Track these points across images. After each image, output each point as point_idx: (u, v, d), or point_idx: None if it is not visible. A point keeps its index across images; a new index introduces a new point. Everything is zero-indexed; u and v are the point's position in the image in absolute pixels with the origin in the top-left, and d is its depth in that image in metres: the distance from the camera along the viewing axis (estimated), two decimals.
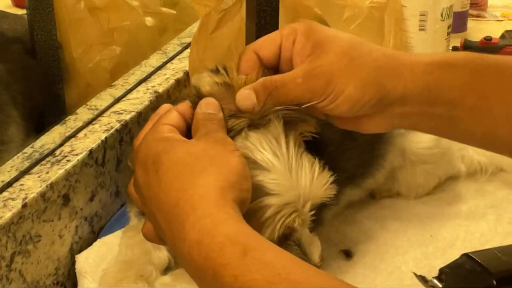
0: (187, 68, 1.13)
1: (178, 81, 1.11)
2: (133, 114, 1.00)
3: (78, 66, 1.13)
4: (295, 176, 0.67)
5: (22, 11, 1.22)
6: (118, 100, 1.04)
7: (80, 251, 0.90)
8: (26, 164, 0.87)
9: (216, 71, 0.68)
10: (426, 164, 0.98)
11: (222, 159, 0.60)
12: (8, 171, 0.86)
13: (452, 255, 0.81)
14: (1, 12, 1.24)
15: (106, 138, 0.94)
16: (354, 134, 0.76)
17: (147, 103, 1.03)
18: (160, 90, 1.07)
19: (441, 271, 0.79)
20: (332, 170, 0.71)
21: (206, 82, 0.67)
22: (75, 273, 0.87)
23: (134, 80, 1.10)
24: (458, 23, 1.47)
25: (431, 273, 0.80)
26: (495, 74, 0.66)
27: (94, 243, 0.90)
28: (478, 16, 1.66)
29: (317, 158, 0.70)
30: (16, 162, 0.88)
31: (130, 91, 1.07)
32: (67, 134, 0.94)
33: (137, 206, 0.67)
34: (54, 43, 1.08)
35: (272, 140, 0.67)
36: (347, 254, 0.87)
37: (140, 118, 1.01)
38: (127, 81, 1.10)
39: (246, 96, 0.65)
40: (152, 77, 1.12)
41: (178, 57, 1.20)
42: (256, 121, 0.67)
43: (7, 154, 0.92)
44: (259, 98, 0.65)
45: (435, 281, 0.79)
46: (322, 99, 0.65)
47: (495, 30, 1.49)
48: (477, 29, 1.57)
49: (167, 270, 0.84)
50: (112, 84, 1.09)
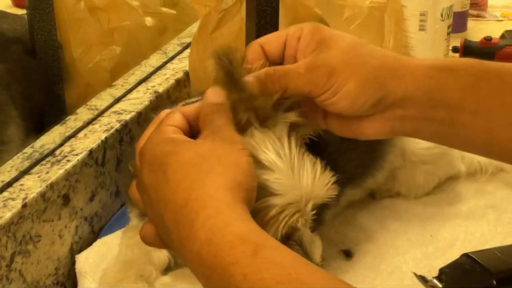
0: (187, 68, 1.13)
1: (178, 81, 1.12)
2: (133, 114, 1.00)
3: (78, 66, 1.13)
4: (297, 176, 0.67)
5: (22, 11, 1.22)
6: (118, 100, 1.04)
7: (80, 251, 0.90)
8: (26, 164, 0.87)
9: (220, 61, 0.68)
10: (426, 164, 0.98)
11: (230, 158, 0.60)
12: (8, 171, 0.86)
13: (452, 255, 0.81)
14: (1, 12, 1.24)
15: (106, 138, 0.94)
16: None
17: (147, 103, 1.03)
18: (160, 90, 1.07)
19: (441, 271, 0.79)
20: (333, 171, 0.71)
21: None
22: (75, 273, 0.87)
23: (134, 80, 1.10)
24: (458, 23, 1.47)
25: (431, 273, 0.80)
26: (495, 79, 0.67)
27: (94, 243, 0.90)
28: (478, 16, 1.66)
29: (318, 158, 0.70)
30: (16, 162, 0.88)
31: (130, 91, 1.07)
32: (67, 134, 0.94)
33: (138, 208, 0.67)
34: (54, 43, 1.08)
35: (275, 140, 0.67)
36: (347, 254, 0.87)
37: (140, 118, 1.01)
38: (127, 81, 1.10)
39: (248, 81, 0.66)
40: (152, 77, 1.12)
41: (178, 57, 1.20)
42: (261, 114, 0.67)
43: (7, 154, 0.92)
44: (261, 86, 0.66)
45: (435, 281, 0.79)
46: (323, 91, 0.65)
47: (495, 30, 1.49)
48: (477, 29, 1.57)
49: (167, 270, 0.84)
50: (112, 84, 1.09)
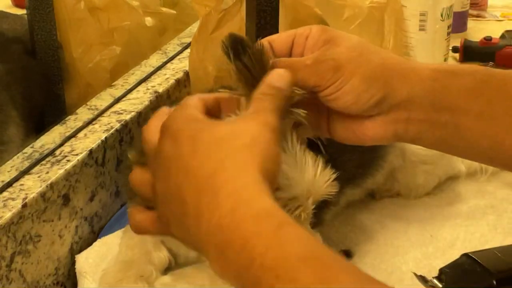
0: (187, 68, 1.13)
1: (178, 81, 1.12)
2: (133, 114, 1.00)
3: (78, 66, 1.13)
4: (300, 171, 0.68)
5: (22, 11, 1.22)
6: (118, 100, 1.04)
7: (80, 251, 0.90)
8: (26, 164, 0.87)
9: (228, 54, 0.67)
10: (426, 165, 0.98)
11: (264, 145, 0.59)
12: (8, 171, 0.86)
13: (452, 255, 0.81)
14: (1, 12, 1.24)
15: (106, 138, 0.94)
16: None
17: (147, 103, 1.03)
18: (160, 90, 1.07)
19: (441, 271, 0.79)
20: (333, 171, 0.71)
21: None
22: (75, 273, 0.87)
23: (134, 80, 1.10)
24: (458, 23, 1.47)
25: (431, 273, 0.80)
26: (500, 84, 0.67)
27: (94, 243, 0.90)
28: (478, 16, 1.66)
29: (319, 156, 0.70)
30: (16, 162, 0.88)
31: (130, 91, 1.07)
32: (67, 134, 0.94)
33: (140, 192, 0.65)
34: (54, 43, 1.08)
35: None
36: (347, 254, 0.87)
37: (140, 118, 1.01)
38: (127, 81, 1.10)
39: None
40: (152, 77, 1.12)
41: (178, 57, 1.20)
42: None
43: (7, 154, 0.92)
44: None
45: (435, 281, 0.79)
46: (328, 85, 0.66)
47: (495, 30, 1.49)
48: (477, 29, 1.57)
49: (167, 270, 0.84)
50: (112, 84, 1.09)
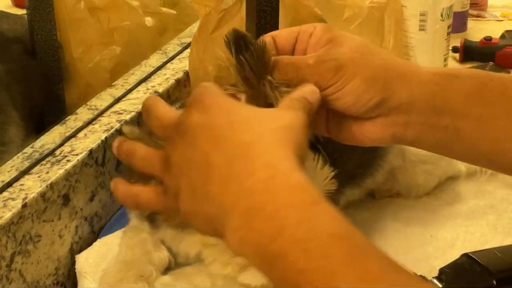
0: (187, 68, 1.13)
1: (178, 81, 1.12)
2: (133, 114, 1.00)
3: (78, 66, 1.13)
4: None
5: (22, 11, 1.22)
6: (118, 100, 1.04)
7: (80, 251, 0.90)
8: (26, 164, 0.87)
9: (230, 49, 0.67)
10: (426, 164, 0.98)
11: (299, 134, 0.60)
12: (8, 171, 0.86)
13: (452, 255, 0.81)
14: (1, 12, 1.24)
15: (106, 138, 0.94)
16: None
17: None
18: (160, 90, 1.07)
19: (441, 271, 0.79)
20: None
21: None
22: (75, 273, 0.87)
23: (134, 80, 1.10)
24: (458, 23, 1.47)
25: (431, 273, 0.80)
26: (500, 87, 0.67)
27: (94, 243, 0.90)
28: (478, 16, 1.66)
29: (318, 154, 0.70)
30: (16, 162, 0.88)
31: (130, 91, 1.07)
32: (67, 134, 0.94)
33: (144, 164, 0.63)
34: (54, 43, 1.08)
35: None
36: None
37: (140, 118, 1.01)
38: (127, 81, 1.10)
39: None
40: (152, 77, 1.12)
41: (178, 57, 1.20)
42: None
43: (7, 154, 0.92)
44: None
45: (435, 281, 0.78)
46: (329, 85, 0.66)
47: (495, 30, 1.49)
48: (477, 29, 1.57)
49: (167, 270, 0.84)
50: (112, 84, 1.09)
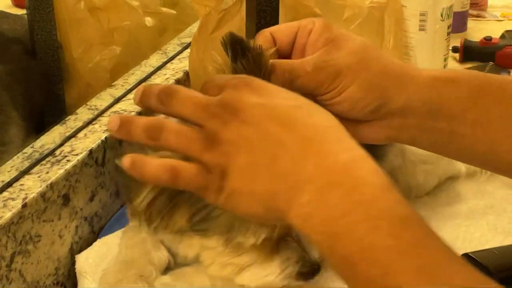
0: (187, 68, 1.13)
1: (178, 81, 1.11)
2: (133, 114, 1.00)
3: (78, 66, 1.13)
4: None
5: (22, 11, 1.22)
6: (118, 100, 1.04)
7: (80, 251, 0.90)
8: (26, 164, 0.87)
9: (226, 52, 0.67)
10: (426, 164, 0.98)
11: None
12: (8, 171, 0.86)
13: None
14: (1, 12, 1.24)
15: (106, 138, 0.94)
16: None
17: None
18: None
19: None
20: None
21: None
22: (75, 273, 0.87)
23: (134, 80, 1.10)
24: (458, 23, 1.47)
25: None
26: (497, 91, 0.67)
27: (94, 243, 0.90)
28: (478, 16, 1.66)
29: None
30: (16, 162, 0.88)
31: (130, 91, 1.07)
32: (67, 134, 0.94)
33: (184, 143, 0.60)
34: (54, 43, 1.08)
35: None
36: None
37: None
38: (127, 81, 1.10)
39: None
40: (152, 77, 1.12)
41: (178, 57, 1.20)
42: None
43: (7, 155, 0.92)
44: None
45: None
46: (327, 91, 0.66)
47: (495, 30, 1.49)
48: (477, 29, 1.57)
49: (167, 270, 0.84)
50: (112, 84, 1.09)
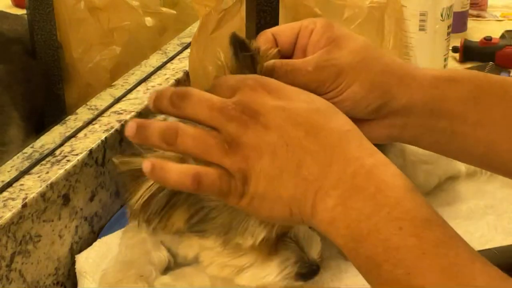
0: (187, 68, 1.13)
1: (178, 81, 1.11)
2: (133, 114, 1.00)
3: (78, 66, 1.13)
4: None
5: (22, 11, 1.22)
6: (118, 100, 1.04)
7: (80, 251, 0.90)
8: (26, 164, 0.87)
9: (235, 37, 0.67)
10: (426, 164, 0.98)
11: None
12: (8, 171, 0.86)
13: None
14: (1, 12, 1.24)
15: (106, 138, 0.94)
16: None
17: (147, 103, 1.03)
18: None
19: None
20: None
21: None
22: (75, 273, 0.87)
23: (134, 80, 1.10)
24: (458, 23, 1.47)
25: None
26: (498, 91, 0.67)
27: (94, 243, 0.90)
28: (478, 16, 1.66)
29: None
30: (16, 162, 0.88)
31: (130, 91, 1.07)
32: (67, 134, 0.94)
33: (203, 147, 0.59)
34: (54, 43, 1.08)
35: None
36: None
37: (140, 118, 1.00)
38: (127, 81, 1.10)
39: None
40: (152, 77, 1.12)
41: (178, 57, 1.20)
42: None
43: (8, 155, 0.92)
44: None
45: None
46: (329, 90, 0.66)
47: (495, 30, 1.49)
48: (477, 29, 1.57)
49: (167, 270, 0.84)
50: (112, 84, 1.09)
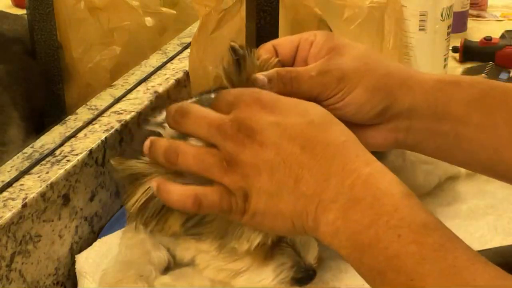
0: (187, 68, 1.13)
1: (178, 81, 1.11)
2: (133, 114, 1.00)
3: (78, 66, 1.13)
4: None
5: (22, 11, 1.22)
6: (118, 100, 1.04)
7: (80, 251, 0.90)
8: (26, 164, 0.87)
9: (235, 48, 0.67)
10: (426, 164, 0.98)
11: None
12: (8, 171, 0.86)
13: None
14: (1, 13, 1.24)
15: (106, 138, 0.94)
16: None
17: (147, 103, 1.03)
18: (160, 90, 1.07)
19: None
20: None
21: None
22: (75, 273, 0.87)
23: (134, 80, 1.10)
24: (458, 23, 1.47)
25: None
26: (501, 95, 0.68)
27: (94, 243, 0.90)
28: (478, 16, 1.66)
29: None
30: (16, 162, 0.88)
31: (130, 91, 1.07)
32: (67, 134, 0.94)
33: (202, 166, 0.60)
34: (54, 43, 1.08)
35: None
36: None
37: (140, 118, 1.01)
38: (127, 81, 1.10)
39: (259, 78, 0.66)
40: (152, 77, 1.12)
41: (178, 57, 1.20)
42: None
43: (8, 155, 0.92)
44: (271, 84, 0.66)
45: None
46: (332, 95, 0.67)
47: (495, 30, 1.49)
48: (477, 29, 1.57)
49: (167, 270, 0.84)
50: (112, 84, 1.09)
